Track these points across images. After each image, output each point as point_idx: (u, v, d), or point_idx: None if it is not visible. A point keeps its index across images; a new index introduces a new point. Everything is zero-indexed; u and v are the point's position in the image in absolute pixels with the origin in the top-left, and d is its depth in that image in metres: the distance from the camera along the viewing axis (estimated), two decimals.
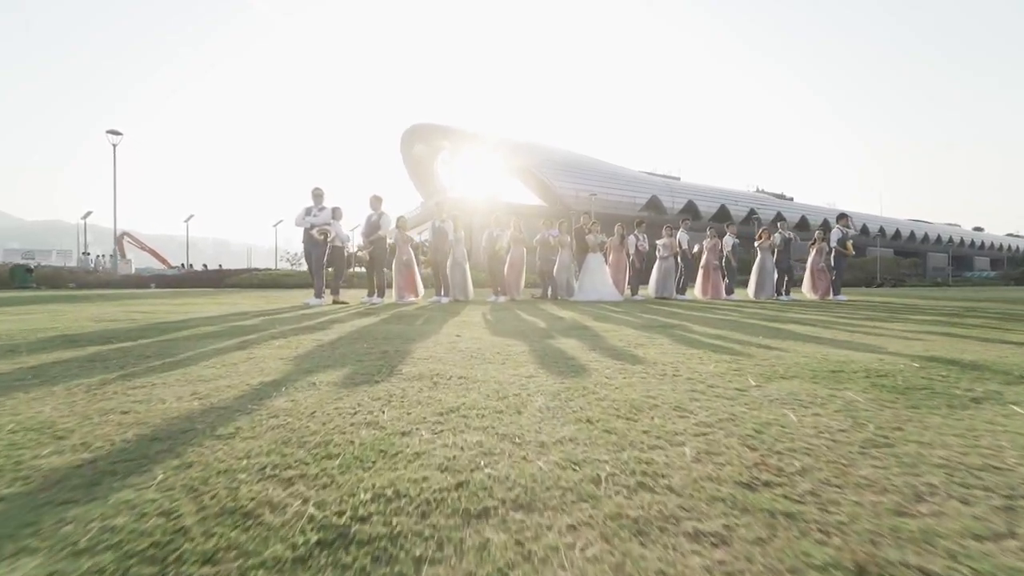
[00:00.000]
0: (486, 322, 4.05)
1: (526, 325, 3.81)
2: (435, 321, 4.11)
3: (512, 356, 2.27)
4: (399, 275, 7.34)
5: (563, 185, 44.19)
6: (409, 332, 3.25)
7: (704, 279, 9.45)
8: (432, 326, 3.67)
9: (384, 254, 7.26)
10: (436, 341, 2.79)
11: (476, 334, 3.17)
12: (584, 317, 4.57)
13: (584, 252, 8.68)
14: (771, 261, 9.20)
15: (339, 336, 3.03)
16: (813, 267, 9.13)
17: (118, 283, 18.85)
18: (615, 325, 3.80)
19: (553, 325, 3.81)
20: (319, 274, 6.75)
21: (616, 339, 2.92)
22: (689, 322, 4.10)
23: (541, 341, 2.82)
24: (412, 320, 4.21)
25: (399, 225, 7.36)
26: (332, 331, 3.30)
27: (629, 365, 2.07)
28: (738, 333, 3.28)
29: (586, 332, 3.31)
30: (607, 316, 4.73)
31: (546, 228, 8.65)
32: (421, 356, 2.25)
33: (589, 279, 8.50)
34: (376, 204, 7.25)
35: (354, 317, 4.52)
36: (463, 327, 3.62)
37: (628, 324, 3.90)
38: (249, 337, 2.97)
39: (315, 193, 6.78)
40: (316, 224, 6.65)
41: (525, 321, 4.18)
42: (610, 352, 2.42)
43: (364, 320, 4.21)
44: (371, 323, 3.91)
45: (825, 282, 8.99)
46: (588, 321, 4.15)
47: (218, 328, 3.54)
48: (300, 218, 6.70)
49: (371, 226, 7.19)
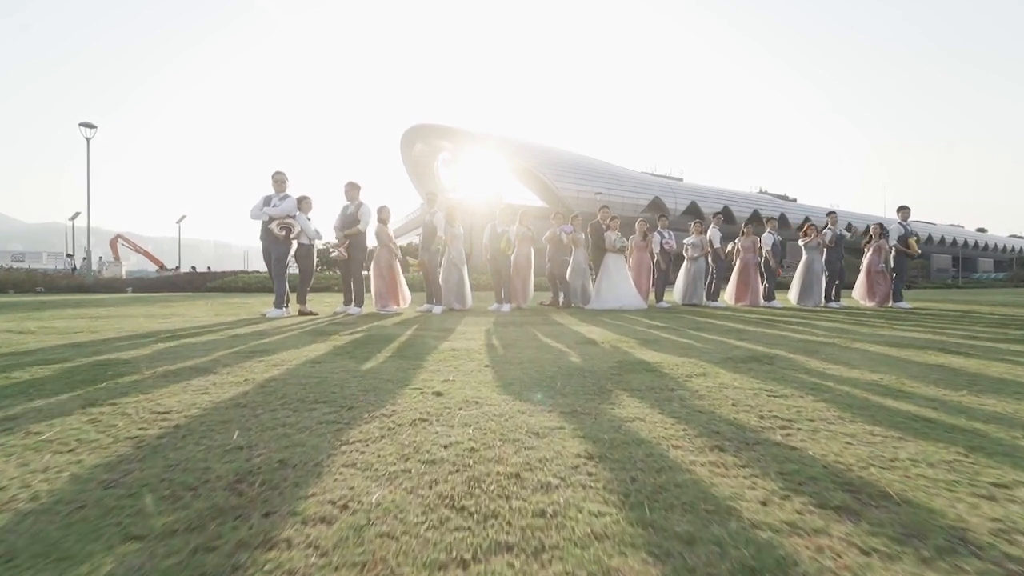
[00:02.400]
0: (489, 352, 2.75)
1: (550, 358, 2.51)
2: (414, 350, 2.81)
3: (563, 486, 0.97)
4: (380, 279, 6.02)
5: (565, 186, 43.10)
6: (360, 381, 1.96)
7: (740, 283, 8.14)
8: (405, 364, 2.37)
9: (362, 253, 5.94)
10: (397, 411, 1.49)
11: (474, 386, 1.87)
12: (623, 338, 3.27)
13: (601, 252, 7.39)
14: (820, 262, 7.88)
15: (222, 399, 1.73)
16: (871, 269, 7.82)
17: (91, 287, 17.56)
18: (680, 357, 2.50)
19: (590, 358, 2.51)
20: (280, 279, 5.45)
21: (722, 399, 1.62)
22: (783, 349, 2.80)
23: (594, 404, 1.52)
24: (381, 345, 2.91)
25: (380, 218, 6.06)
26: (232, 375, 2.01)
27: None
28: (918, 383, 1.97)
29: (654, 377, 2.02)
30: (652, 337, 3.43)
31: (557, 224, 7.34)
32: (332, 495, 0.95)
33: (608, 284, 7.20)
34: (353, 193, 5.95)
35: (303, 341, 3.23)
36: (453, 363, 2.33)
37: (697, 354, 2.60)
38: (99, 388, 1.69)
39: (275, 179, 5.49)
40: (276, 216, 5.35)
41: (545, 347, 2.88)
42: (757, 447, 1.11)
43: (311, 348, 2.91)
44: (315, 356, 2.61)
45: (884, 287, 7.68)
46: (634, 348, 2.85)
47: (87, 360, 2.26)
48: (256, 209, 5.40)
49: (347, 219, 5.89)
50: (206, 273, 20.96)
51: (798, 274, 8.04)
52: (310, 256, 5.73)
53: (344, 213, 5.96)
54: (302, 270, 5.70)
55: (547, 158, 45.55)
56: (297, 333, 3.64)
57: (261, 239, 5.47)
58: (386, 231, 6.01)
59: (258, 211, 5.37)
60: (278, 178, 5.47)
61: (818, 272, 7.86)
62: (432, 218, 6.20)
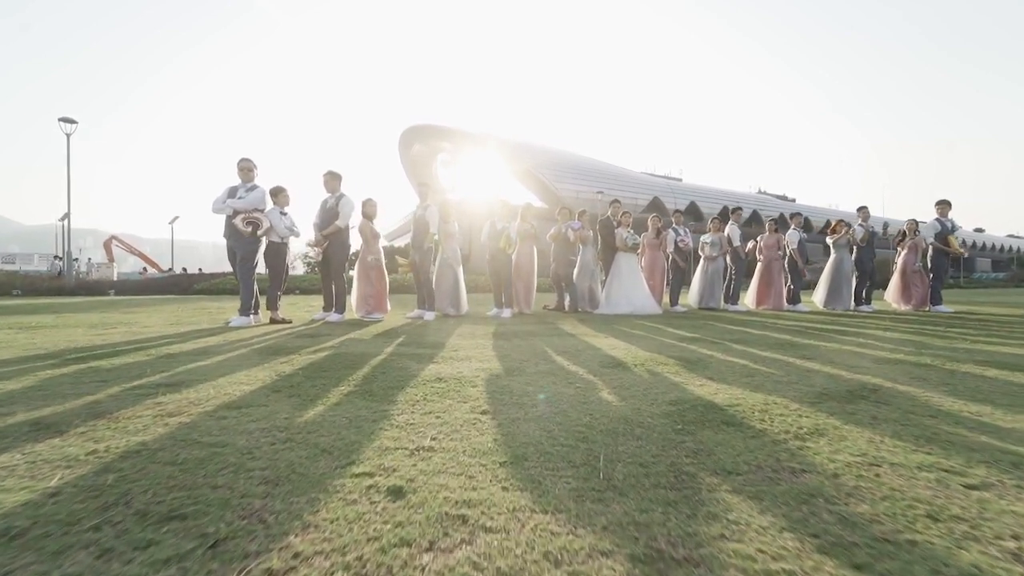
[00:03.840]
0: (488, 385, 2.04)
1: (573, 395, 1.79)
2: (386, 379, 2.10)
3: None
4: (364, 282, 5.29)
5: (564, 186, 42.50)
6: (275, 455, 1.24)
7: (762, 284, 7.45)
8: (365, 410, 1.66)
9: (343, 252, 5.21)
10: (302, 556, 0.78)
11: (461, 465, 1.15)
12: (656, 357, 2.56)
13: (612, 251, 6.69)
14: (850, 261, 7.19)
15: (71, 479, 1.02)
16: (906, 269, 7.13)
17: (73, 289, 16.80)
18: (753, 392, 1.79)
19: (630, 395, 1.80)
20: (246, 282, 4.71)
21: (894, 499, 0.91)
22: (876, 375, 2.09)
23: (683, 523, 0.81)
24: (343, 373, 2.19)
25: (365, 212, 5.34)
26: (76, 441, 1.30)
27: None
28: None
29: (744, 438, 1.30)
30: (693, 355, 2.72)
31: (563, 220, 6.63)
32: None
33: (619, 286, 6.50)
34: (333, 183, 5.22)
35: (245, 364, 2.51)
36: (436, 406, 1.62)
37: (771, 385, 1.88)
38: None
39: (241, 166, 4.76)
40: (241, 210, 4.63)
41: (562, 373, 2.16)
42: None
43: (246, 378, 2.19)
44: (243, 393, 1.89)
45: (922, 288, 6.99)
46: (680, 375, 2.14)
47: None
48: (219, 201, 4.67)
49: (327, 213, 5.16)
50: (193, 275, 20.22)
51: (826, 274, 7.35)
52: (281, 256, 4.98)
53: (324, 207, 5.24)
54: (272, 272, 4.96)
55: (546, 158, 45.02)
56: (247, 351, 2.92)
57: (225, 236, 4.74)
58: (371, 227, 5.29)
59: (220, 204, 4.64)
60: (244, 165, 4.74)
61: (848, 273, 7.17)
62: (424, 212, 5.48)
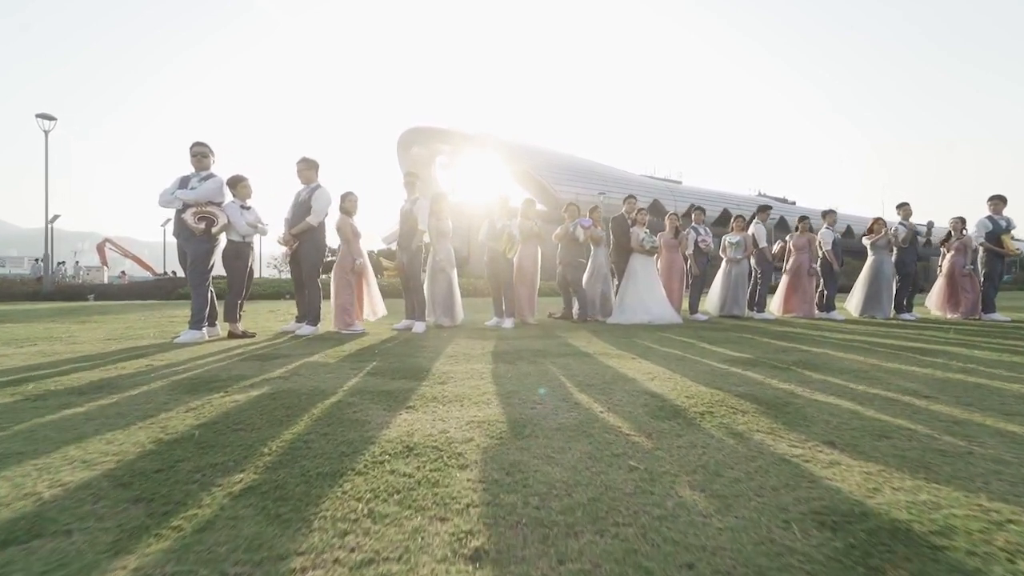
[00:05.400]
0: (486, 464, 1.29)
1: (623, 484, 1.05)
2: (328, 446, 1.34)
3: None
4: (344, 289, 4.53)
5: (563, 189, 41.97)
6: None
7: (790, 288, 6.71)
8: (265, 532, 0.90)
9: (317, 253, 4.45)
10: None
11: None
12: (716, 393, 1.80)
13: (625, 253, 5.95)
14: (890, 264, 6.46)
15: None
16: (954, 272, 6.39)
17: (50, 294, 16.00)
18: (912, 477, 1.04)
19: (719, 491, 1.06)
20: (198, 289, 3.95)
21: None
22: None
23: None
24: (286, 422, 1.44)
25: (344, 208, 4.58)
26: None
27: None
28: None
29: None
30: (767, 392, 1.97)
31: (570, 218, 5.89)
32: None
33: (634, 292, 5.76)
34: (308, 173, 4.47)
35: (140, 414, 1.76)
36: (404, 523, 0.87)
37: (937, 462, 1.14)
38: None
39: (195, 152, 4.00)
40: (192, 203, 3.88)
41: (590, 426, 1.40)
42: None
43: (105, 455, 1.44)
44: (40, 506, 1.14)
45: (972, 294, 6.25)
46: (773, 433, 1.39)
47: None
48: (167, 193, 3.91)
49: (299, 208, 4.42)
50: (179, 279, 19.44)
51: (863, 279, 6.61)
52: (243, 257, 4.21)
53: (296, 200, 4.49)
54: (232, 276, 4.20)
55: (545, 160, 44.54)
56: (161, 386, 2.16)
57: (174, 235, 3.99)
58: (351, 225, 4.53)
59: (168, 196, 3.89)
60: (197, 151, 3.98)
61: (888, 277, 6.42)
62: (412, 207, 4.72)
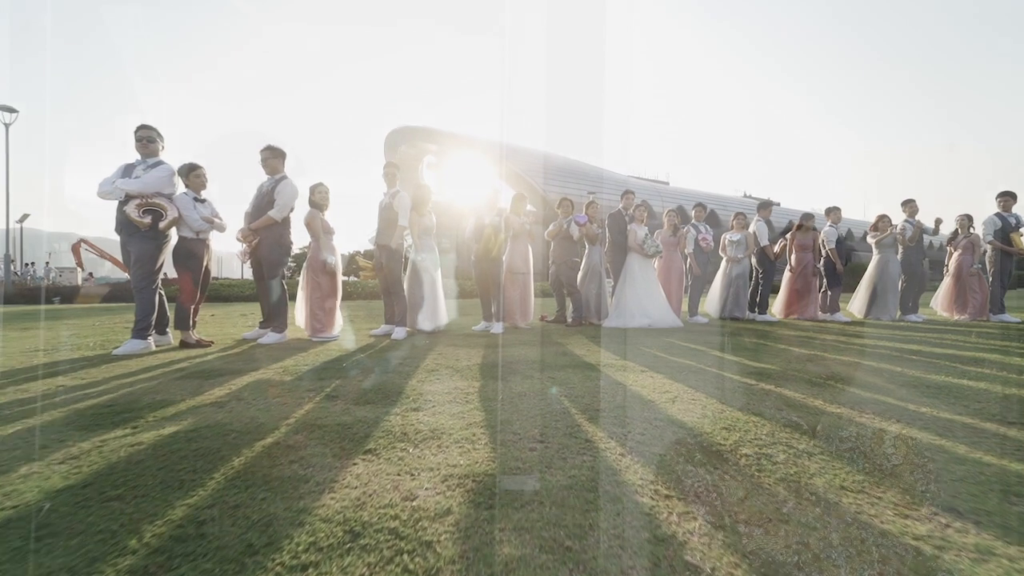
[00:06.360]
0: (473, 566, 0.86)
1: None
2: (238, 527, 0.91)
3: None
4: (313, 291, 4.07)
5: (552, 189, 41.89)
6: None
7: (792, 289, 6.41)
8: None
9: (280, 252, 3.97)
10: None
11: None
12: (741, 416, 1.40)
13: (622, 252, 5.58)
14: (896, 264, 6.19)
15: None
16: (961, 272, 6.15)
17: (9, 298, 15.15)
18: None
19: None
20: (143, 293, 3.46)
21: None
22: None
23: None
24: (196, 483, 1.01)
25: (313, 201, 4.12)
26: None
27: None
28: None
29: None
30: (798, 408, 1.59)
31: (564, 214, 5.50)
32: None
33: (632, 294, 5.39)
34: (273, 163, 3.99)
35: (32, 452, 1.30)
36: None
37: None
38: None
39: (139, 136, 3.51)
40: (135, 194, 3.38)
41: (613, 485, 1.01)
42: None
43: None
44: None
45: (981, 295, 6.01)
46: (817, 467, 1.01)
47: None
48: (107, 183, 3.41)
49: (261, 200, 3.94)
50: None
51: (867, 279, 6.34)
52: (197, 256, 3.72)
53: (259, 193, 4.01)
54: (183, 278, 3.70)
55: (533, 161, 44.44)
56: (49, 419, 1.70)
57: (116, 230, 3.49)
58: (322, 220, 4.07)
59: (108, 185, 3.39)
60: (143, 135, 3.49)
61: (894, 277, 6.16)
62: (391, 201, 4.27)
